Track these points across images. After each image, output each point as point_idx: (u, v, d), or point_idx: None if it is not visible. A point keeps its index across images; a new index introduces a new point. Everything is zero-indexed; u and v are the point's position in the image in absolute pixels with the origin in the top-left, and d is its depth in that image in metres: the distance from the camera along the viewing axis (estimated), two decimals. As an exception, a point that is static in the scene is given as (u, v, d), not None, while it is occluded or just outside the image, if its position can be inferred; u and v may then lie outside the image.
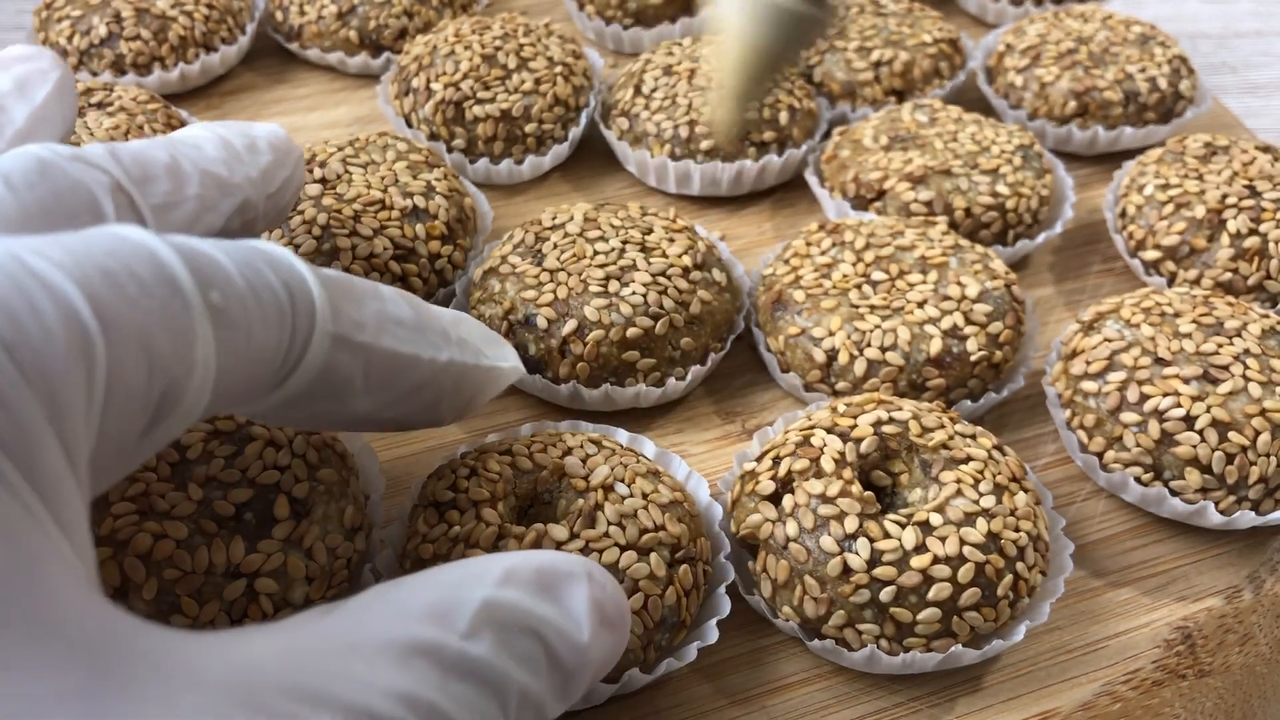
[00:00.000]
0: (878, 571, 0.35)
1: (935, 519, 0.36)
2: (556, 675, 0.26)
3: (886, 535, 0.35)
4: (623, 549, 0.34)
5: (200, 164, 0.34)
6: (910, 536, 0.35)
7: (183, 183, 0.33)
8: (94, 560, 0.21)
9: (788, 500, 0.37)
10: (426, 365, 0.32)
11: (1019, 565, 0.36)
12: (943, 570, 0.35)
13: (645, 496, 0.36)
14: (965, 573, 0.35)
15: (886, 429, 0.38)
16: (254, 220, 0.36)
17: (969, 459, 0.38)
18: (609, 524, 0.35)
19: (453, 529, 0.35)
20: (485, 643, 0.24)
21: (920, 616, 0.35)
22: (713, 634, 0.36)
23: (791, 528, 0.36)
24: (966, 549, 0.35)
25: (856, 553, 0.35)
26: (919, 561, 0.35)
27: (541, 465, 0.37)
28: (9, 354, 0.20)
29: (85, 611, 0.19)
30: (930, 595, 0.35)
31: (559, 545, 0.34)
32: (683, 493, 0.38)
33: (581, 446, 0.38)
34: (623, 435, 0.41)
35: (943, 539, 0.35)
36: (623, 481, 0.36)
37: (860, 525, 0.35)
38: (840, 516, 0.36)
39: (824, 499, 0.36)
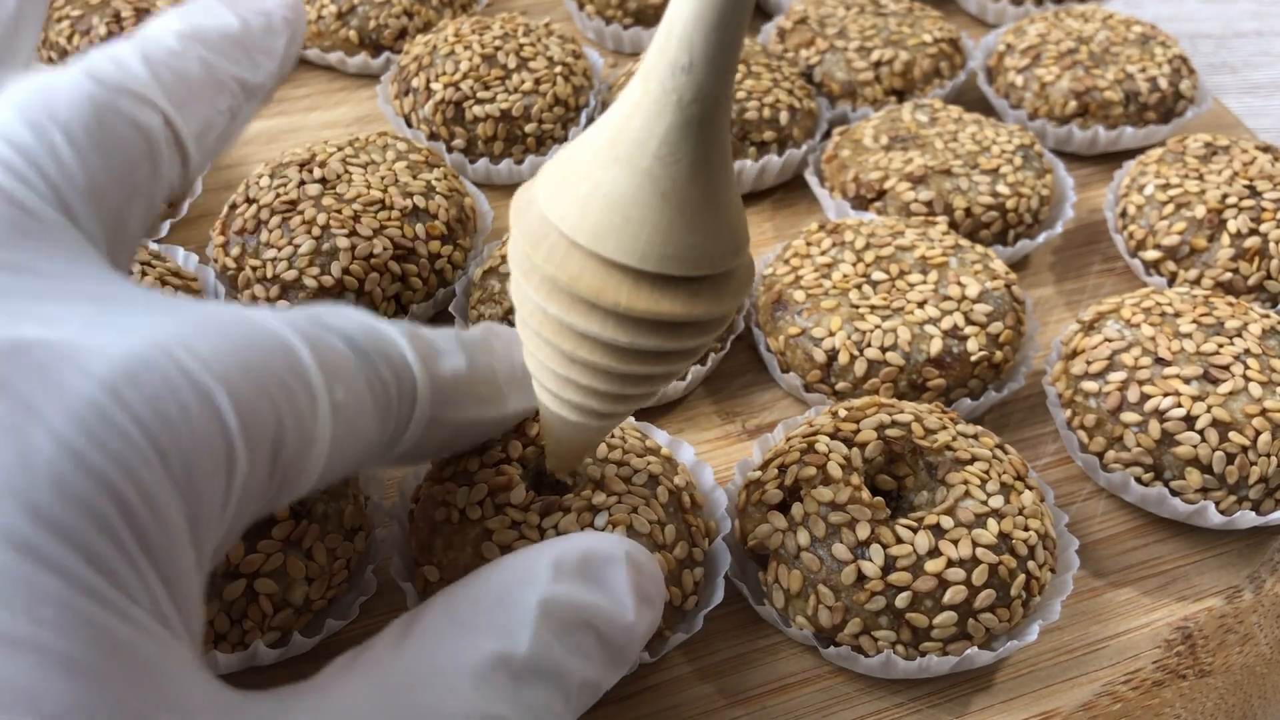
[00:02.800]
0: (892, 577, 0.35)
1: (946, 522, 0.36)
2: (608, 656, 0.27)
3: (899, 540, 0.35)
4: None
5: (231, 69, 0.32)
6: (923, 541, 0.35)
7: (216, 96, 0.31)
8: (201, 649, 0.22)
9: (797, 509, 0.37)
10: (498, 419, 0.34)
11: (1030, 564, 0.36)
12: (957, 573, 0.35)
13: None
14: (979, 574, 0.35)
15: (890, 432, 0.38)
16: (257, 100, 0.34)
17: (974, 459, 0.38)
18: (557, 526, 0.35)
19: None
20: (547, 644, 0.25)
21: (936, 620, 0.35)
22: (697, 624, 0.36)
23: (803, 537, 0.36)
24: (979, 550, 0.35)
25: (870, 559, 0.35)
26: (933, 565, 0.35)
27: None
28: (161, 460, 0.20)
29: (209, 702, 0.20)
30: (945, 599, 0.35)
31: (509, 503, 0.35)
32: (686, 547, 0.36)
33: (643, 455, 0.37)
34: (662, 436, 0.41)
35: (955, 541, 0.35)
36: (615, 497, 0.35)
37: (872, 531, 0.35)
38: (851, 523, 0.35)
39: (834, 506, 0.36)
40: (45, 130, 0.26)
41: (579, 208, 0.25)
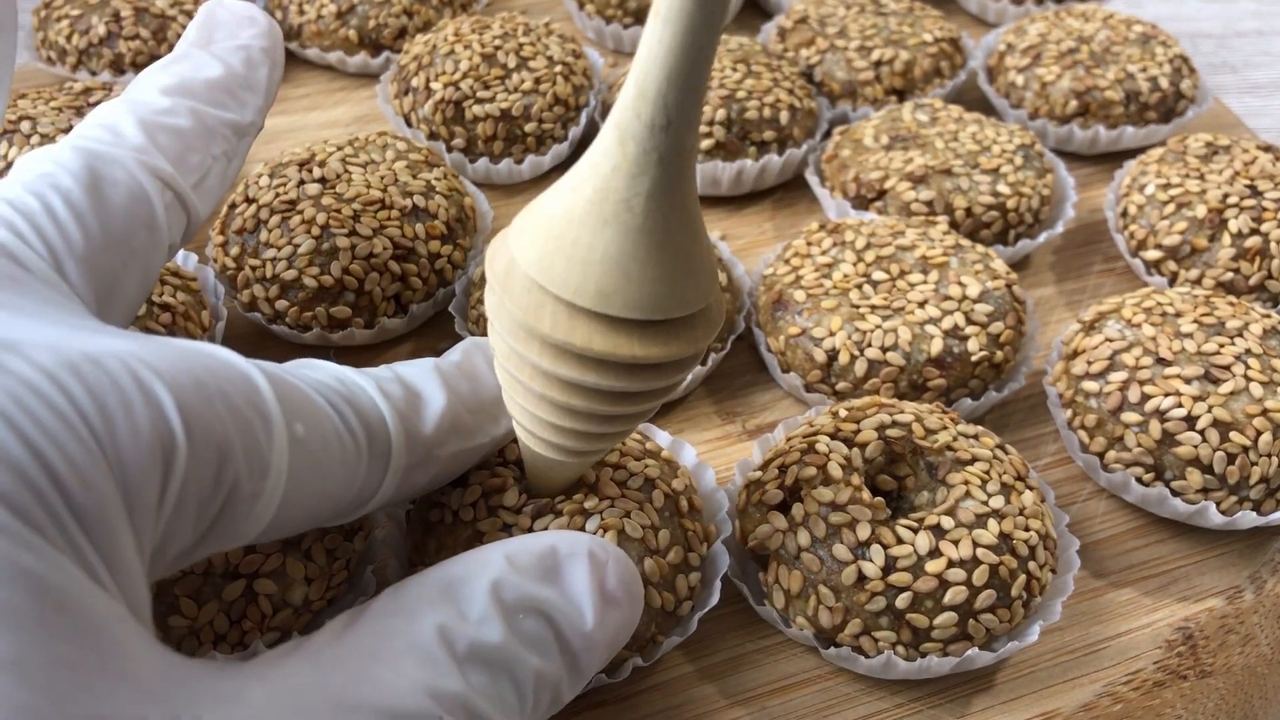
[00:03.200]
0: (893, 578, 0.35)
1: (947, 522, 0.36)
2: (567, 654, 0.26)
3: (899, 541, 0.35)
4: None
5: (221, 115, 0.34)
6: (924, 541, 0.35)
7: (210, 144, 0.33)
8: (151, 628, 0.23)
9: (797, 509, 0.36)
10: (490, 442, 0.34)
11: (1031, 564, 0.36)
12: (958, 574, 0.35)
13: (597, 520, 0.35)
14: (980, 575, 0.35)
15: (890, 433, 0.38)
16: (250, 138, 0.36)
17: (974, 459, 0.38)
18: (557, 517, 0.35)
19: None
20: (495, 627, 0.25)
21: (936, 621, 0.35)
22: (691, 626, 0.35)
23: (803, 537, 0.36)
24: (980, 551, 0.35)
25: (870, 560, 0.35)
26: (934, 566, 0.35)
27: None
28: (98, 444, 0.21)
29: (150, 661, 0.21)
30: (946, 599, 0.34)
31: (502, 505, 0.35)
32: (682, 552, 0.36)
33: (641, 459, 0.37)
34: (663, 437, 0.41)
35: (955, 542, 0.35)
36: (608, 501, 0.35)
37: (873, 532, 0.35)
38: (852, 524, 0.35)
39: (834, 506, 0.36)
40: (47, 198, 0.28)
41: (579, 273, 0.26)
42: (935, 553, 0.35)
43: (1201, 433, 0.40)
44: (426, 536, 0.36)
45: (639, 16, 0.67)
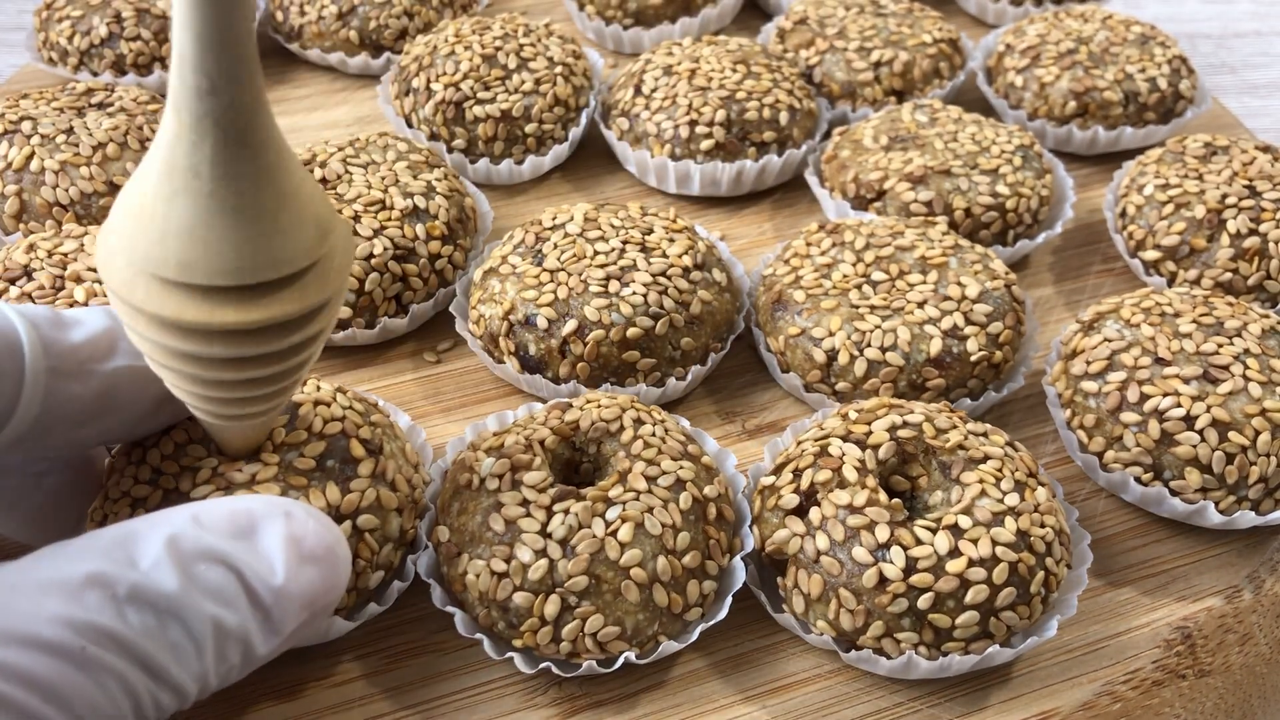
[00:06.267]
0: (914, 579, 0.34)
1: (964, 521, 0.36)
2: (256, 609, 0.27)
3: (919, 542, 0.35)
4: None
5: None
6: (943, 541, 0.35)
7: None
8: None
9: (814, 513, 0.36)
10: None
11: (1048, 560, 0.36)
12: (978, 573, 0.35)
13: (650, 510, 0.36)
14: (1000, 573, 0.35)
15: (902, 433, 0.38)
16: None
17: (987, 458, 0.38)
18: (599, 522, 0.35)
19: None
20: (168, 573, 0.25)
21: (959, 620, 0.35)
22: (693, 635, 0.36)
23: (822, 541, 0.36)
24: (999, 549, 0.35)
25: (891, 561, 0.35)
26: (954, 566, 0.35)
27: (620, 442, 0.38)
28: None
29: None
30: (968, 599, 0.34)
31: (524, 482, 0.36)
32: (699, 558, 0.36)
33: (678, 459, 0.38)
34: (711, 444, 0.41)
35: (974, 541, 0.35)
36: (633, 493, 0.36)
37: (892, 533, 0.35)
38: (871, 526, 0.35)
39: (852, 509, 0.36)
40: None
41: (159, 246, 0.26)
42: (955, 552, 0.35)
43: (1200, 432, 0.40)
44: (454, 497, 0.37)
45: (639, 18, 0.67)
